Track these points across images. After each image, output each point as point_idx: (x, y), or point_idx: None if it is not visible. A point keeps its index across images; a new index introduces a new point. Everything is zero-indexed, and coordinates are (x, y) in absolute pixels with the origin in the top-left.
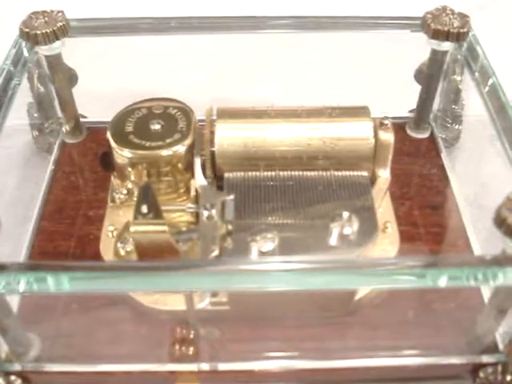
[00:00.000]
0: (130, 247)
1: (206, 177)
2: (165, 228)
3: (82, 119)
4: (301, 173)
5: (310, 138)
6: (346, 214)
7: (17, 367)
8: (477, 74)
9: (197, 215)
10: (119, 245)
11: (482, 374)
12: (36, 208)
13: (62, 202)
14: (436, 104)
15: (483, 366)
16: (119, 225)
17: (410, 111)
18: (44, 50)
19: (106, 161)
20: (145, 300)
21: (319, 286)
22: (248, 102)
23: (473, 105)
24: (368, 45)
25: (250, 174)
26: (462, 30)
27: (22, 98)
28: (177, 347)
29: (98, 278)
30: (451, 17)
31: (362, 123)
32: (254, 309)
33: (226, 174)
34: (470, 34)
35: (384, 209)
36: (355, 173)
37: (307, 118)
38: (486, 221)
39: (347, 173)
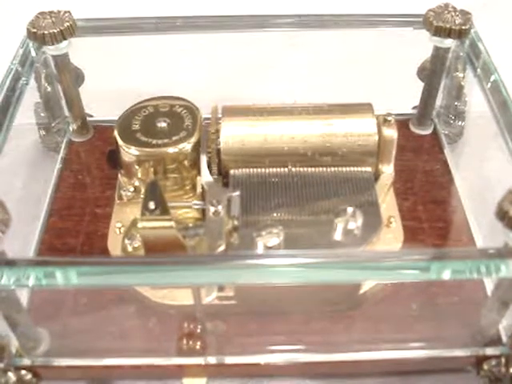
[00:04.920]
0: (137, 243)
1: (211, 174)
2: (172, 224)
3: (88, 118)
4: (305, 169)
5: (315, 134)
6: (350, 209)
7: (27, 362)
8: (479, 70)
9: (203, 212)
10: (127, 241)
11: (485, 367)
12: (44, 206)
13: (70, 199)
14: (439, 100)
15: (487, 358)
16: (126, 222)
17: (413, 108)
18: (51, 50)
19: (113, 159)
20: (152, 295)
21: (324, 279)
22: (253, 99)
23: (475, 101)
24: (370, 42)
25: (255, 170)
26: (464, 27)
27: (30, 97)
28: (184, 341)
29: (105, 273)
30: (453, 14)
31: (365, 120)
32: (260, 303)
33: (232, 171)
34: (472, 31)
35: (388, 204)
36: (359, 169)
37: (311, 115)
38: (489, 215)
39: (351, 169)
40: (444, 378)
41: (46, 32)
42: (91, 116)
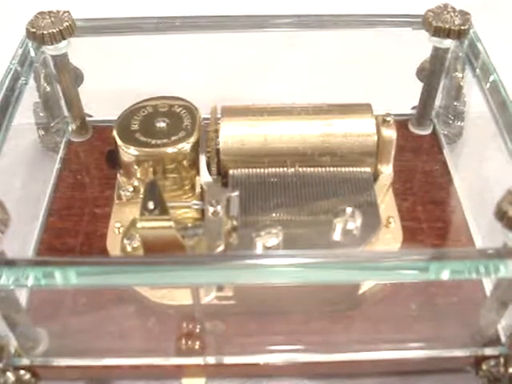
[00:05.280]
0: (136, 243)
1: (210, 174)
2: (171, 224)
3: (87, 118)
4: (304, 169)
5: (314, 135)
6: (349, 210)
7: (26, 362)
8: (478, 70)
9: (202, 212)
10: (126, 241)
11: (484, 367)
12: (43, 205)
13: (69, 199)
14: (438, 101)
15: (486, 358)
16: (126, 222)
17: (413, 108)
18: (50, 50)
19: (112, 159)
20: (151, 295)
21: (323, 279)
22: (252, 99)
23: (474, 101)
24: (370, 42)
25: (254, 170)
26: (463, 28)
27: (29, 97)
28: (183, 341)
29: (105, 273)
30: (452, 14)
31: (364, 120)
32: (259, 303)
33: (231, 171)
34: (471, 31)
35: (387, 204)
36: (358, 169)
37: (311, 116)
38: (488, 215)
39: (350, 169)
40: (443, 378)
41: (45, 32)
42: (90, 116)
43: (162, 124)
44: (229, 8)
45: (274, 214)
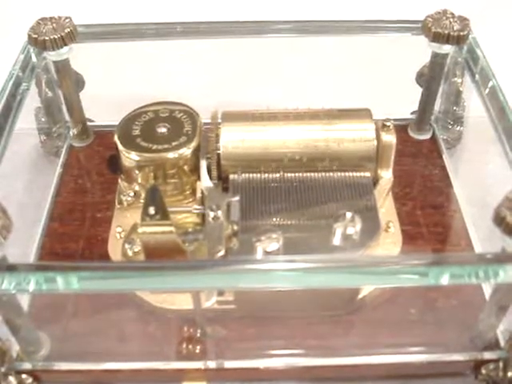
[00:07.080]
0: (137, 248)
1: (211, 179)
2: (172, 229)
3: (89, 123)
4: (304, 174)
5: (314, 139)
6: (349, 215)
7: (28, 366)
8: (477, 76)
9: (203, 216)
10: (127, 246)
11: (483, 371)
12: (45, 210)
13: (71, 204)
14: (437, 106)
15: (485, 362)
16: (127, 226)
17: (412, 113)
18: (52, 56)
19: (114, 163)
20: (152, 299)
21: (323, 284)
22: (252, 105)
23: (473, 106)
24: (370, 48)
25: (254, 175)
26: (462, 33)
27: (31, 102)
28: (184, 345)
29: (106, 278)
30: (451, 20)
31: (364, 125)
32: (259, 307)
33: (232, 176)
34: (470, 36)
35: (386, 209)
36: (358, 174)
37: (311, 121)
38: (487, 220)
39: (350, 174)
40: (442, 382)
41: (46, 38)
42: (92, 121)
43: (162, 129)
44: (229, 14)
45: (274, 219)
